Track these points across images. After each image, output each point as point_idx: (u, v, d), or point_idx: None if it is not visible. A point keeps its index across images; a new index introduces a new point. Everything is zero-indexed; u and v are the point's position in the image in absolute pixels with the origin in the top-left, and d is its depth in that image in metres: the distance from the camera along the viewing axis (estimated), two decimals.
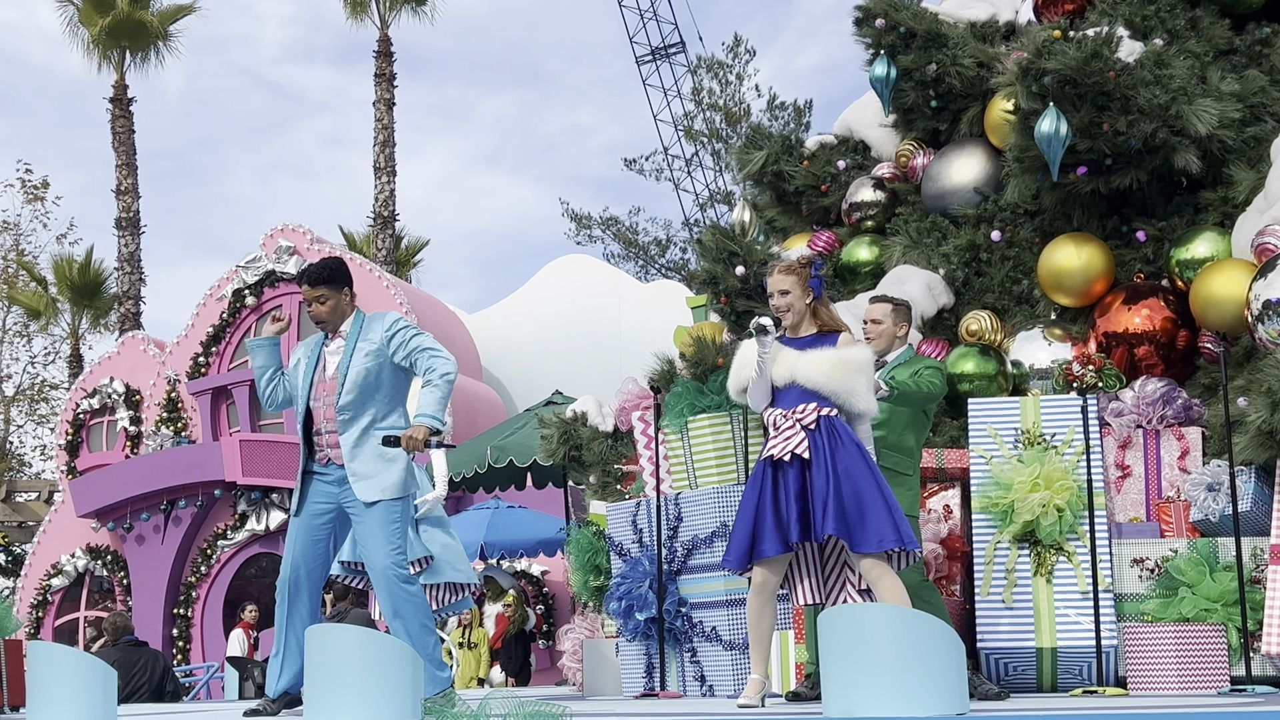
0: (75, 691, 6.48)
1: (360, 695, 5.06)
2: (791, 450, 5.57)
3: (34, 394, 33.17)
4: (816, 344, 5.77)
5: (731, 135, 34.36)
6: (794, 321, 5.83)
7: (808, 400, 5.65)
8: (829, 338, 5.79)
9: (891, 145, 10.29)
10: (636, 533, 8.13)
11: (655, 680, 7.86)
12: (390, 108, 24.92)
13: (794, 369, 5.70)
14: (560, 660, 10.11)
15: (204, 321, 19.86)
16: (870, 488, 5.48)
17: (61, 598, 20.44)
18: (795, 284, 5.84)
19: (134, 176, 26.28)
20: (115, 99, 26.45)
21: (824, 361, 5.68)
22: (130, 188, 26.19)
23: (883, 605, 4.35)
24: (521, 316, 21.13)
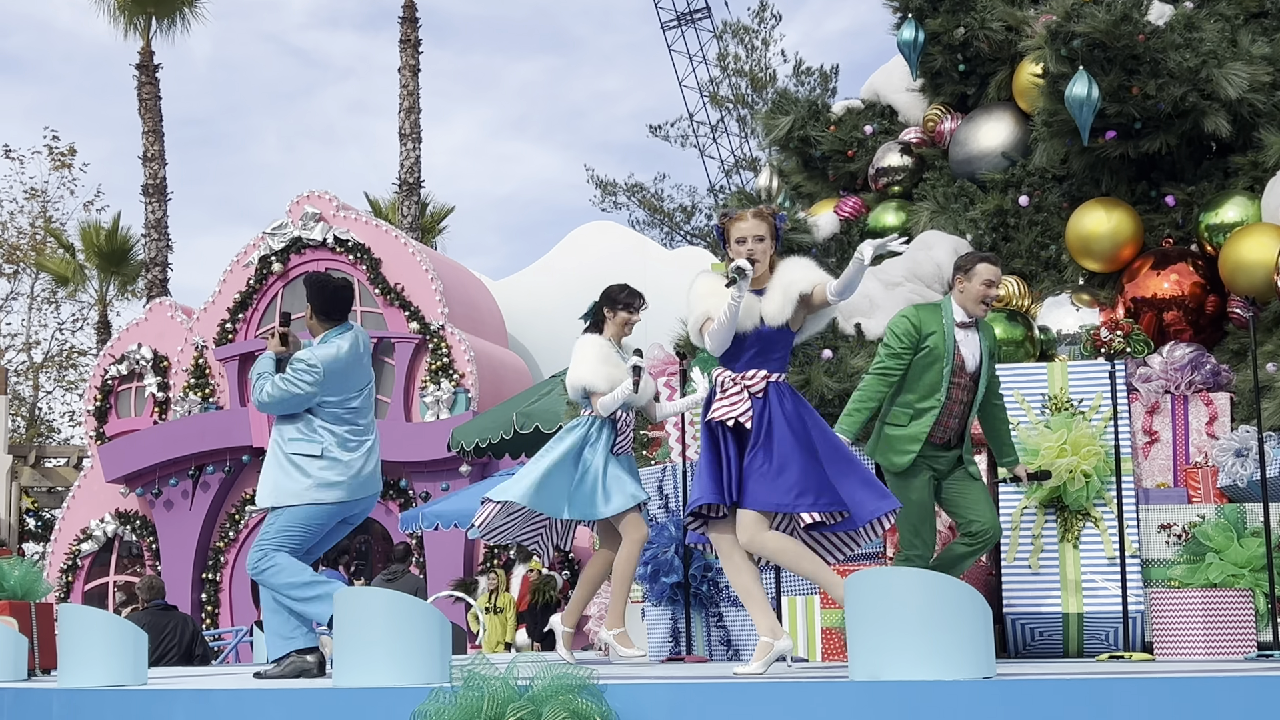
0: (106, 653, 6.55)
1: (388, 657, 5.10)
2: (735, 417, 5.51)
3: (62, 360, 33.38)
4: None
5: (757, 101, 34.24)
6: (761, 271, 5.63)
7: (758, 366, 5.59)
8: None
9: (919, 110, 10.24)
10: (662, 498, 8.15)
11: (681, 644, 7.89)
12: (416, 74, 24.90)
13: (758, 311, 5.57)
14: (586, 625, 10.15)
15: (231, 288, 19.93)
16: (794, 452, 5.42)
17: (91, 563, 20.61)
18: (768, 231, 5.68)
19: (161, 143, 26.33)
20: (142, 65, 26.48)
21: (776, 292, 5.59)
22: (157, 154, 26.24)
23: (912, 570, 4.36)
24: (547, 283, 21.14)
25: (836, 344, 8.15)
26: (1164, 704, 3.97)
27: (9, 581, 9.38)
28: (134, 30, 26.92)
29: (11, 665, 8.08)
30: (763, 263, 5.63)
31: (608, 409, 7.15)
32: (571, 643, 7.30)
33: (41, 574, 9.77)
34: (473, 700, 4.28)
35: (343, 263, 19.22)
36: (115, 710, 6.14)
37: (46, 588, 9.77)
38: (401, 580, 12.90)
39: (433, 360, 18.63)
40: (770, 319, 5.58)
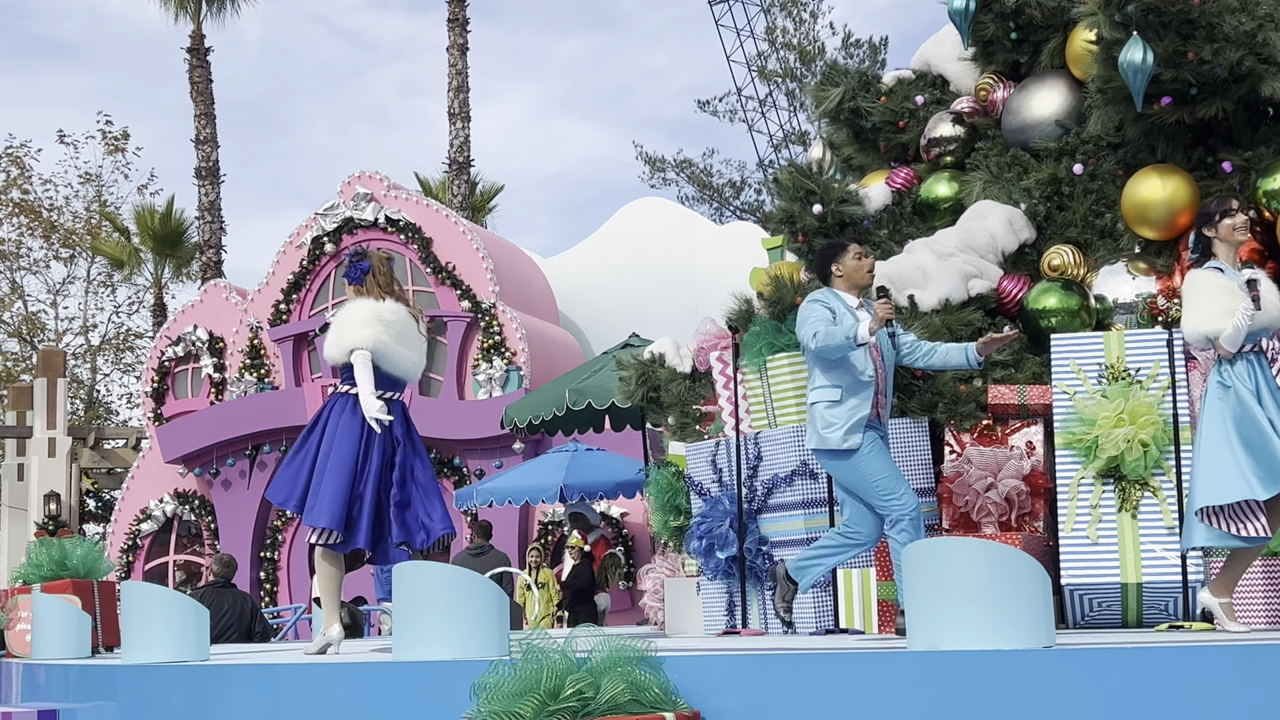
0: (169, 630, 6.64)
1: (448, 631, 5.14)
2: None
3: (119, 343, 33.73)
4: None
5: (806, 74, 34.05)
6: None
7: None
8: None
9: (971, 79, 10.15)
10: (716, 472, 8.15)
11: (737, 618, 7.91)
12: (464, 53, 24.92)
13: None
14: (641, 600, 10.18)
15: (284, 269, 20.06)
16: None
17: (151, 542, 20.85)
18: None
19: (212, 126, 26.51)
20: (193, 49, 26.65)
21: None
22: (209, 137, 26.42)
23: (970, 540, 4.34)
24: (597, 260, 21.15)
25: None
26: (1225, 673, 3.95)
27: (72, 561, 9.50)
28: (184, 14, 27.10)
29: (76, 643, 8.20)
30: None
31: (1235, 342, 5.89)
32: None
33: (103, 553, 9.89)
34: (532, 672, 4.32)
35: (394, 242, 19.30)
36: (178, 685, 6.22)
37: (108, 566, 9.89)
38: (488, 556, 13.03)
39: (485, 338, 18.70)
40: None
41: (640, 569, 11.00)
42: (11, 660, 8.89)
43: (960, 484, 7.39)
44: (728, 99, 35.67)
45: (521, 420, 14.79)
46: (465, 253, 19.00)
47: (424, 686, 5.08)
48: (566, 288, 21.11)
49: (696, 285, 19.18)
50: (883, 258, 8.92)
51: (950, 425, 7.80)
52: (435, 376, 18.97)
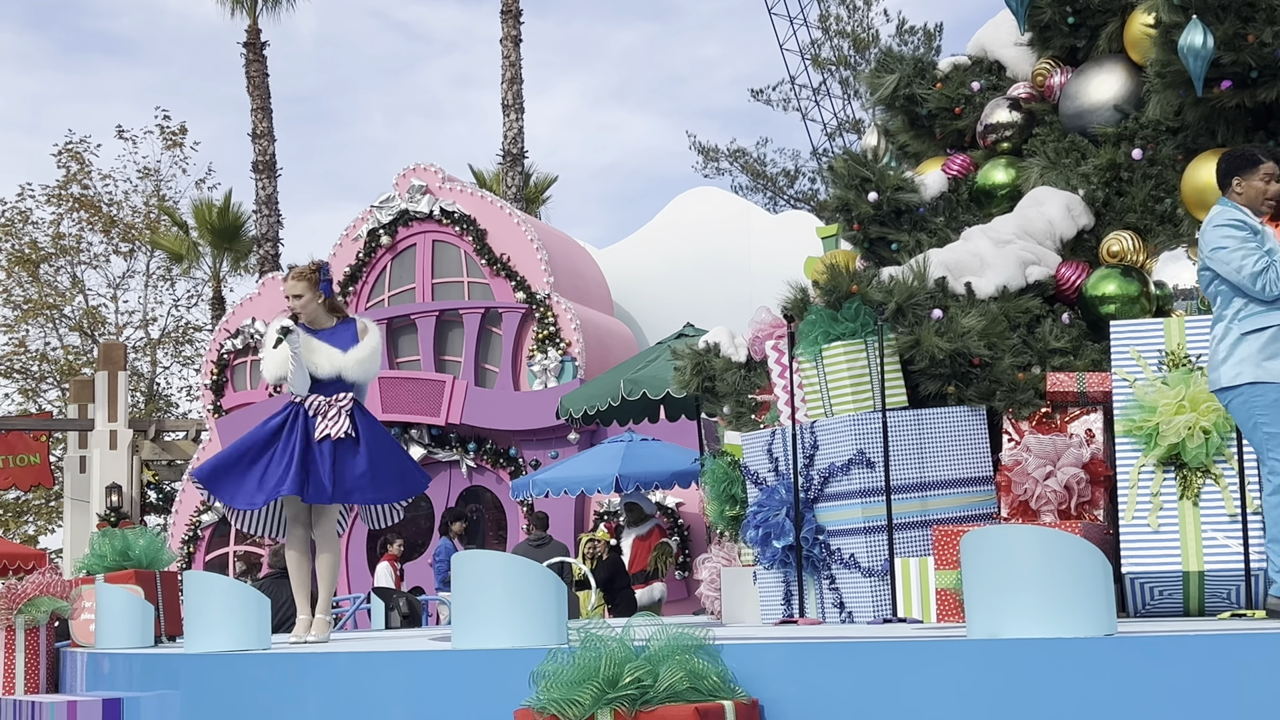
0: (230, 619, 6.71)
1: (506, 619, 5.16)
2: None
3: (179, 336, 34.09)
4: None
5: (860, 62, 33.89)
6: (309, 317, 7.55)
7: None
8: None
9: (1027, 64, 10.07)
10: (772, 461, 8.14)
11: (794, 607, 7.90)
12: (517, 45, 24.97)
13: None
14: (697, 589, 10.19)
15: (340, 262, 20.18)
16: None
17: (211, 534, 21.06)
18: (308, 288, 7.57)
19: (269, 120, 26.71)
20: (249, 44, 26.86)
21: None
22: (266, 131, 26.63)
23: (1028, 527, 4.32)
24: (651, 250, 21.14)
25: (946, 303, 8.06)
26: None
27: (135, 551, 9.62)
28: (241, 9, 27.31)
29: (139, 632, 8.31)
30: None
31: None
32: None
33: (165, 544, 10.01)
34: (590, 661, 4.33)
35: (449, 234, 19.38)
36: (240, 674, 6.29)
37: (170, 557, 10.01)
38: (550, 546, 13.11)
39: (539, 329, 18.74)
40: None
41: (696, 558, 11.01)
42: (76, 649, 9.02)
43: (1019, 472, 7.35)
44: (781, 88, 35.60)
45: (577, 410, 14.82)
46: (520, 244, 19.05)
47: (483, 675, 5.10)
48: (621, 278, 21.13)
49: (751, 275, 19.14)
50: (939, 245, 8.88)
51: (1009, 413, 7.75)
52: (490, 368, 19.04)
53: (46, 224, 33.03)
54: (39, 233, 33.02)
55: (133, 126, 44.05)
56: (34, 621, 9.24)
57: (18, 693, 9.03)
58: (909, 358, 7.81)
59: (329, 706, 5.74)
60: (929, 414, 7.69)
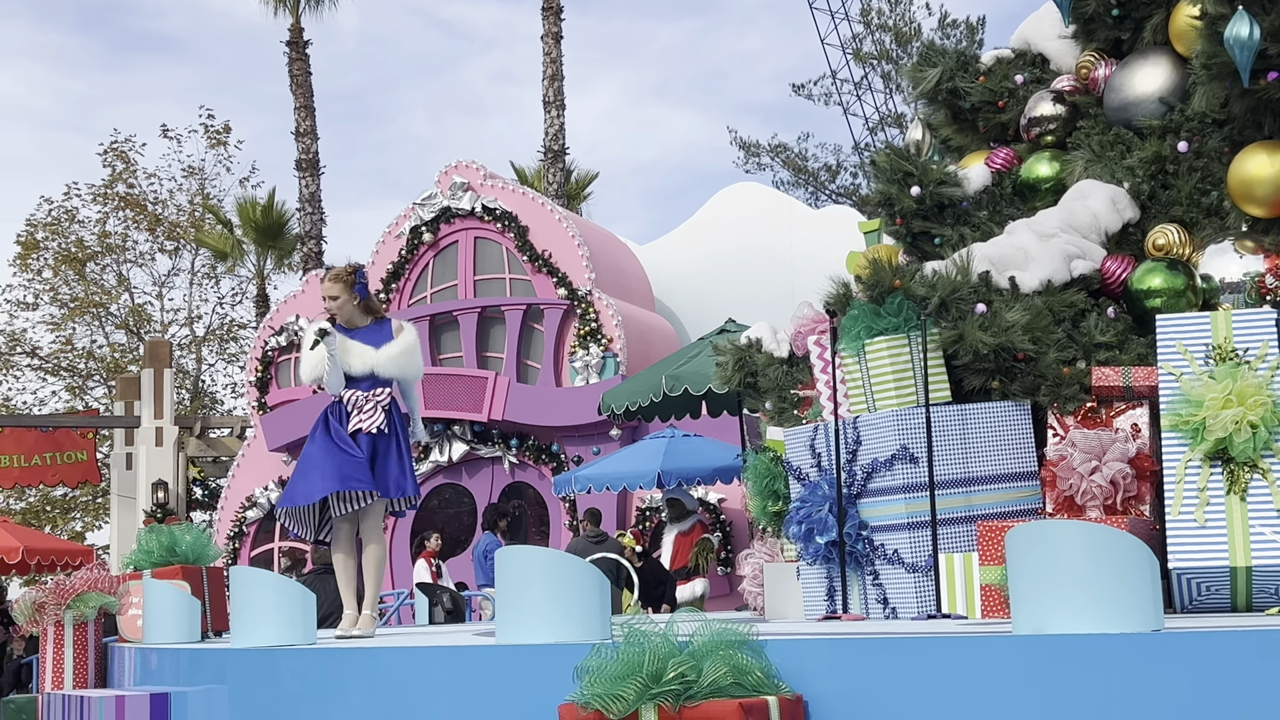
0: (277, 614, 6.76)
1: (550, 615, 5.18)
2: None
3: (223, 334, 34.33)
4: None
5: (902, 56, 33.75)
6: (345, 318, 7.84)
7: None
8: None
9: (1071, 57, 9.99)
10: (815, 457, 8.12)
11: (837, 603, 7.88)
12: (558, 41, 25.00)
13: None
14: (740, 585, 10.18)
15: (383, 259, 20.27)
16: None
17: (256, 529, 21.20)
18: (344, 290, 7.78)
19: (312, 119, 26.85)
20: (292, 42, 27.01)
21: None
22: (309, 130, 26.77)
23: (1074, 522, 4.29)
24: (692, 246, 21.13)
25: (990, 298, 8.02)
26: None
27: (181, 547, 9.70)
28: (284, 8, 27.47)
29: (186, 627, 8.38)
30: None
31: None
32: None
33: (211, 540, 10.09)
34: (634, 656, 4.33)
35: (490, 231, 19.43)
36: (287, 669, 6.33)
37: (216, 553, 10.08)
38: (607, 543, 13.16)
39: (581, 325, 18.77)
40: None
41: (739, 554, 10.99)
42: (124, 645, 9.10)
43: (1064, 467, 7.30)
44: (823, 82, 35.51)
45: (619, 406, 14.84)
46: (561, 240, 19.08)
47: (527, 670, 5.12)
48: (662, 274, 21.13)
49: (792, 270, 19.11)
50: (983, 239, 8.83)
51: (1053, 408, 7.70)
52: (532, 364, 19.08)
53: (93, 223, 33.35)
54: (85, 231, 33.33)
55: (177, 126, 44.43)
56: (82, 617, 9.34)
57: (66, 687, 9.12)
58: (952, 352, 7.77)
59: (373, 701, 5.77)
60: (973, 409, 7.66)
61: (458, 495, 19.75)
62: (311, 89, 26.92)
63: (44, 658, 9.46)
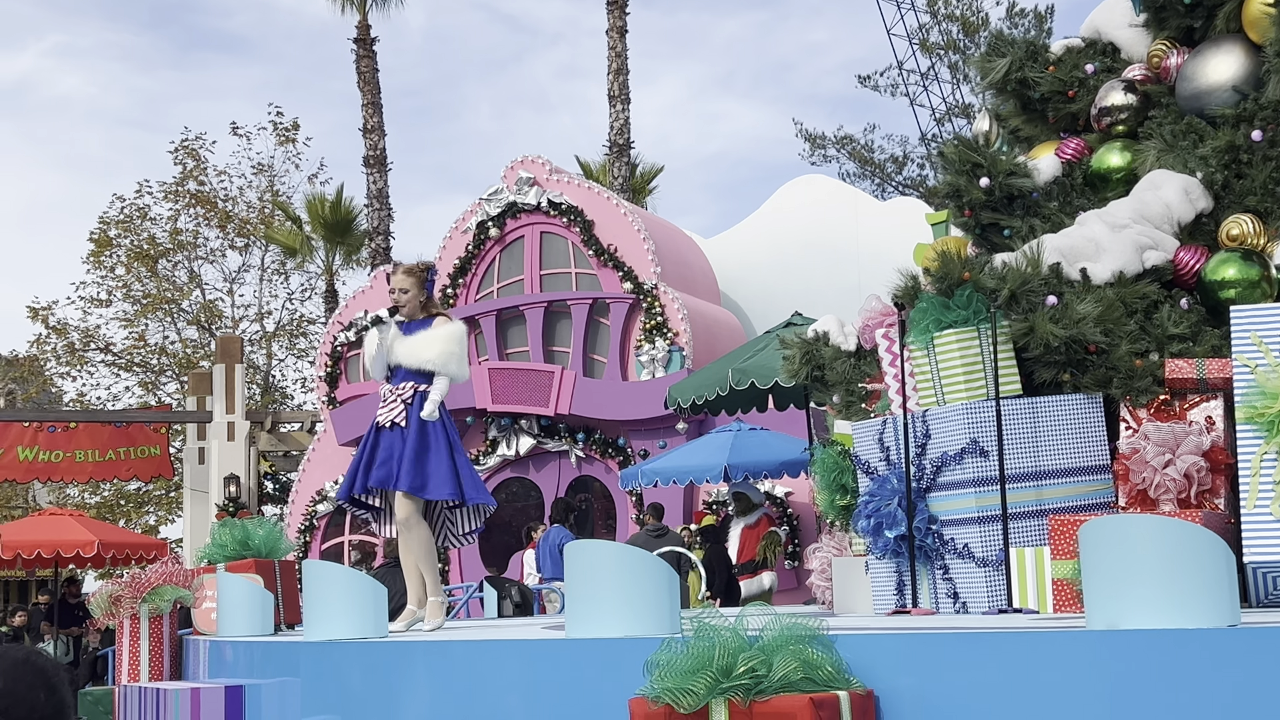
0: (348, 607, 6.82)
1: (619, 609, 5.19)
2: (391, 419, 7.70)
3: (293, 329, 34.63)
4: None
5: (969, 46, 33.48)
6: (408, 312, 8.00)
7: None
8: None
9: (1142, 46, 9.88)
10: (883, 451, 8.08)
11: (906, 597, 7.84)
12: (623, 35, 25.01)
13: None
14: (808, 579, 10.15)
15: (450, 254, 20.37)
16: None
17: (326, 523, 21.39)
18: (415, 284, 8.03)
19: (379, 115, 27.03)
20: (359, 39, 27.19)
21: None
22: (376, 126, 26.94)
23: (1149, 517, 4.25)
24: (758, 239, 21.08)
25: (1061, 290, 7.94)
26: None
27: (254, 541, 9.81)
28: (351, 6, 27.67)
29: (260, 620, 8.47)
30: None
31: None
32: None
33: (283, 534, 10.19)
34: (704, 650, 4.33)
35: (556, 225, 19.48)
36: (358, 661, 6.39)
37: (288, 546, 10.19)
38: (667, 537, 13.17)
39: (647, 319, 18.78)
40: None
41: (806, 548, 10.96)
42: (198, 637, 9.21)
43: (1137, 461, 7.23)
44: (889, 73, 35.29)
45: (685, 400, 14.83)
46: (627, 234, 19.10)
47: (596, 663, 5.14)
48: (728, 267, 21.09)
49: (859, 262, 19.02)
50: (1053, 230, 8.76)
51: (1126, 401, 7.62)
52: (598, 358, 19.12)
53: (164, 220, 33.73)
54: (157, 229, 33.73)
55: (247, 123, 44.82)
56: (158, 610, 9.46)
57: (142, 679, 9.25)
58: (1023, 345, 7.71)
59: (444, 694, 5.81)
60: (1044, 402, 7.59)
61: (525, 489, 19.83)
62: (379, 85, 27.09)
63: (120, 650, 9.60)
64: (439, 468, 7.69)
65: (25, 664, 2.65)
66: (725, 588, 13.90)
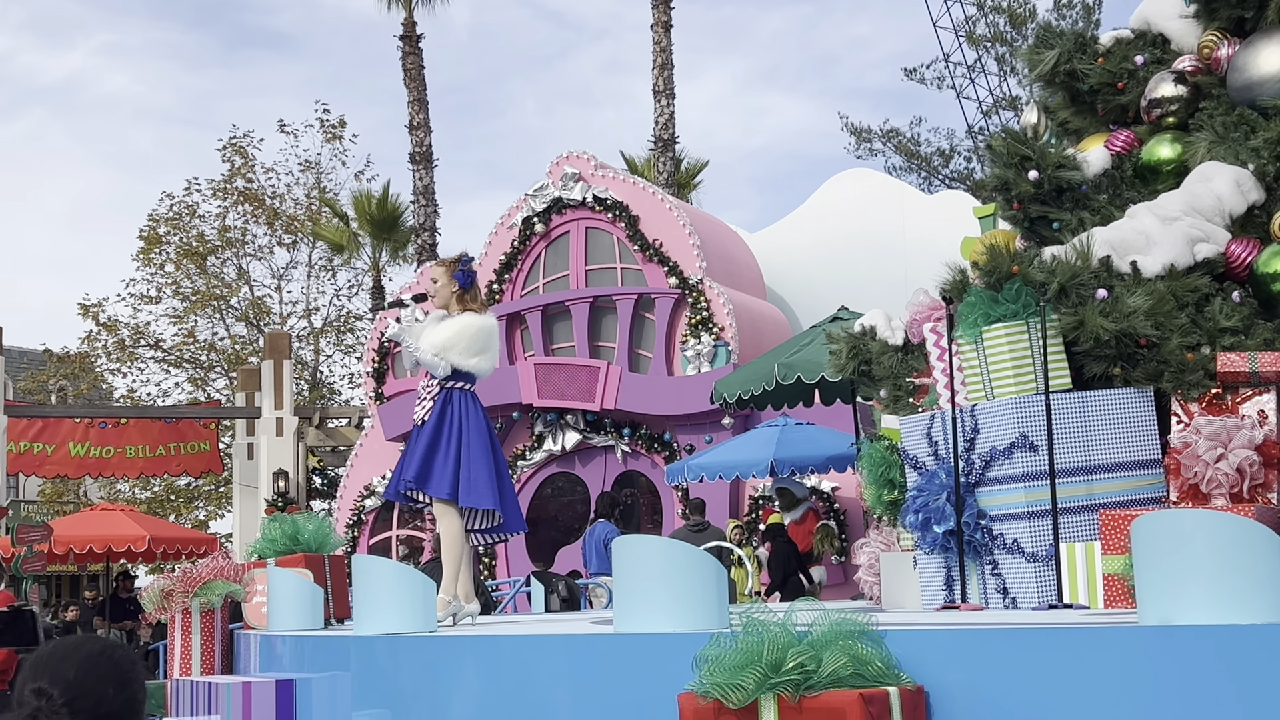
0: (398, 602, 6.85)
1: (667, 604, 5.19)
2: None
3: (341, 325, 34.83)
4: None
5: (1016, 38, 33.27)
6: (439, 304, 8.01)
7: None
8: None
9: (1193, 37, 9.78)
10: (931, 445, 8.05)
11: (955, 592, 7.81)
12: (668, 30, 24.99)
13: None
14: (856, 574, 10.13)
15: (496, 250, 20.42)
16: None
17: (375, 518, 21.50)
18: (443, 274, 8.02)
19: (425, 112, 27.12)
20: (405, 36, 27.29)
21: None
22: (422, 123, 27.04)
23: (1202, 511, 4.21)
24: (803, 233, 21.03)
25: (1111, 283, 7.88)
26: None
27: (304, 536, 9.87)
28: (397, 2, 27.77)
29: (310, 614, 8.53)
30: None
31: None
32: None
33: (332, 528, 10.26)
34: (753, 645, 4.33)
35: (601, 221, 19.50)
36: (408, 655, 6.42)
37: (338, 541, 10.25)
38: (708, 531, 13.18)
39: (692, 314, 18.77)
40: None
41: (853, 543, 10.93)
42: (249, 632, 9.29)
43: (1189, 455, 7.17)
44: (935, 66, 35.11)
45: (730, 395, 14.81)
46: (672, 229, 19.09)
47: (645, 658, 5.14)
48: (773, 262, 21.05)
49: (905, 256, 18.94)
50: (1102, 223, 8.69)
51: (1177, 394, 7.56)
52: (644, 353, 19.13)
53: (213, 217, 33.99)
54: (206, 226, 33.99)
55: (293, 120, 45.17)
56: (209, 604, 9.54)
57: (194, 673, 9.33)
58: (1072, 339, 7.66)
59: (493, 688, 5.83)
60: (1094, 396, 7.54)
61: (570, 484, 19.87)
62: (424, 82, 27.18)
63: (172, 644, 9.69)
64: (444, 466, 7.71)
65: (100, 656, 2.65)
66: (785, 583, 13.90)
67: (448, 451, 7.73)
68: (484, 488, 7.73)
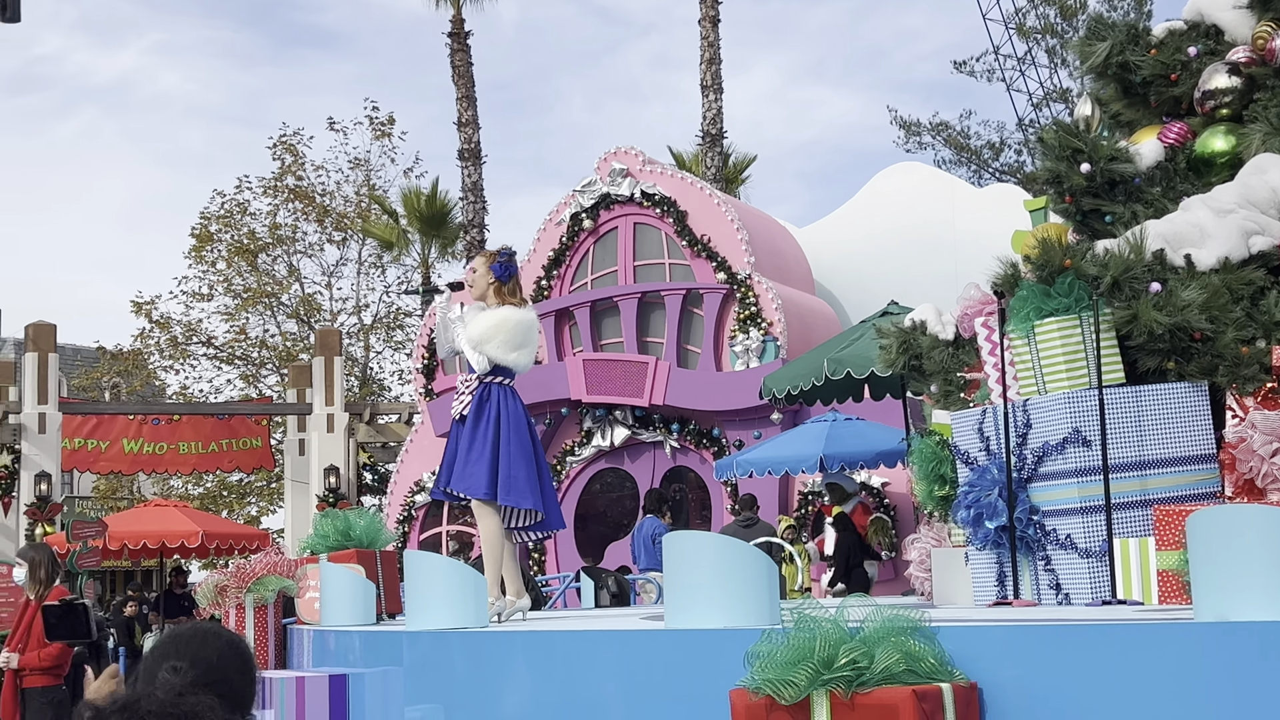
0: (450, 597, 6.88)
1: (719, 600, 5.19)
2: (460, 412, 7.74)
3: (390, 322, 34.99)
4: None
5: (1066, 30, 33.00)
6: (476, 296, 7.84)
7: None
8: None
9: (1247, 27, 9.67)
10: (983, 440, 8.01)
11: (1008, 588, 7.77)
12: (715, 24, 24.95)
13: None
14: (906, 570, 10.09)
15: (544, 246, 20.44)
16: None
17: (425, 514, 21.58)
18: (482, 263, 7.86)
19: (474, 109, 27.19)
20: (453, 33, 27.38)
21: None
22: (470, 120, 27.11)
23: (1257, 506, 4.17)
24: (852, 228, 20.93)
25: (1165, 276, 7.82)
26: None
27: (355, 531, 9.93)
28: (445, 0, 27.85)
29: (362, 610, 8.58)
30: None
31: None
32: None
33: (384, 524, 10.31)
34: (805, 641, 4.33)
35: (649, 216, 19.49)
36: (460, 650, 6.45)
37: (389, 537, 10.30)
38: (758, 527, 13.17)
39: (741, 310, 18.74)
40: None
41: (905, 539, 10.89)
42: (302, 627, 9.35)
43: (1244, 450, 7.10)
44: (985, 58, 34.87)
45: (780, 390, 14.78)
46: (720, 225, 19.06)
47: (696, 654, 5.14)
48: (822, 256, 20.97)
49: (955, 250, 18.81)
50: (1156, 216, 8.62)
51: (1232, 389, 7.49)
52: (692, 349, 19.11)
53: (264, 215, 34.22)
54: (257, 223, 34.23)
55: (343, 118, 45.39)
56: (262, 600, 9.62)
57: None
58: (1126, 333, 7.60)
59: (545, 683, 5.85)
60: (1148, 390, 7.48)
61: (619, 480, 19.88)
62: (473, 79, 27.25)
63: None
64: (480, 464, 7.66)
65: (232, 647, 3.03)
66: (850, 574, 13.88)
67: (484, 449, 7.66)
68: (523, 486, 7.65)
